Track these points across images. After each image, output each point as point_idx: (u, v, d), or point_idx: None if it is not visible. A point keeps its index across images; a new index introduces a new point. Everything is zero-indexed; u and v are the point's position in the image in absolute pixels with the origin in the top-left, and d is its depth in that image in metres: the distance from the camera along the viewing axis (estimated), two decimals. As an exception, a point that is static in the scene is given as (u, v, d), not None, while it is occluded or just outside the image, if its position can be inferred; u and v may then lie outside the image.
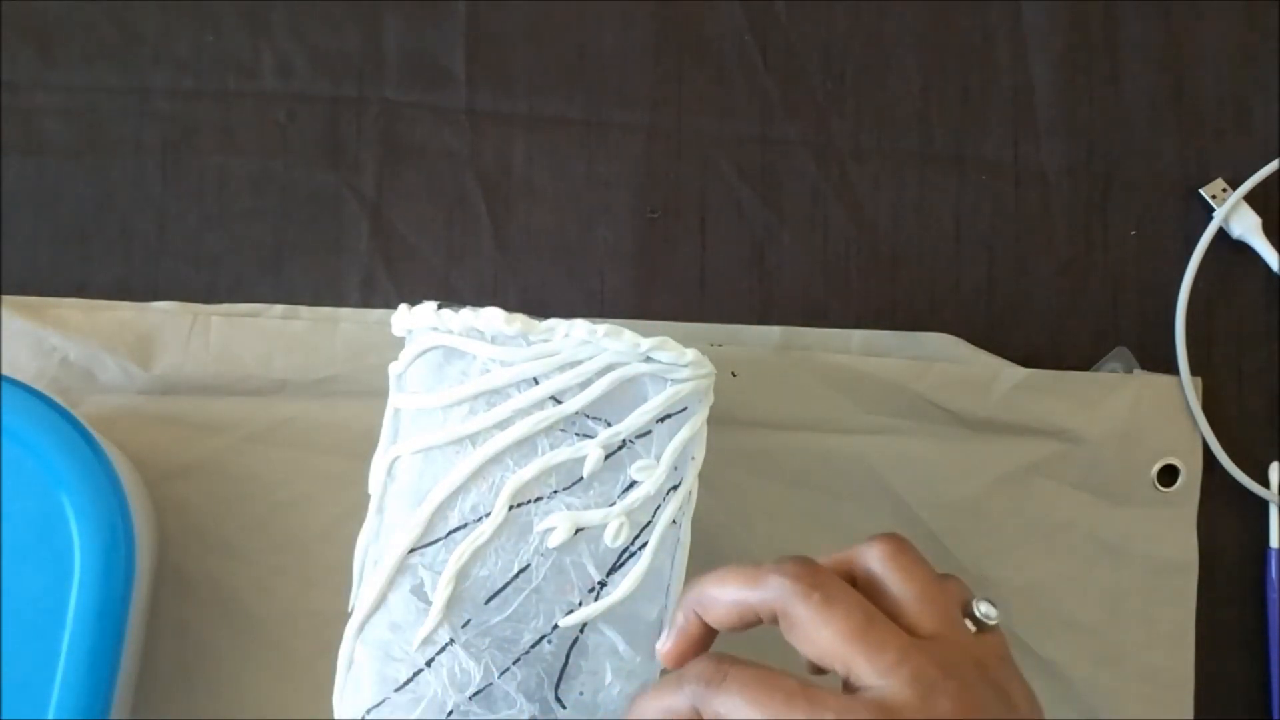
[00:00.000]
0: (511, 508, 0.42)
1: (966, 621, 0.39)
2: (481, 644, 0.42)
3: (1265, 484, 0.55)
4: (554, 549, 0.42)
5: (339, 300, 0.54)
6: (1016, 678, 0.39)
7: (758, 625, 0.40)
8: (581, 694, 0.42)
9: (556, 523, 0.42)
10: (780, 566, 0.38)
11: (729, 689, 0.37)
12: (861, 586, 0.39)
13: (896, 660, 0.36)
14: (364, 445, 0.46)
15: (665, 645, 0.42)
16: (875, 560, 0.39)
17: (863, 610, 0.37)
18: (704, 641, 0.41)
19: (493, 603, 0.42)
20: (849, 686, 0.37)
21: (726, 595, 0.39)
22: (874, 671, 0.36)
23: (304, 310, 0.53)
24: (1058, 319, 0.56)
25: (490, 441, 0.42)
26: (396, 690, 0.42)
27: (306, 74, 0.55)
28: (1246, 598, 0.56)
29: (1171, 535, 0.54)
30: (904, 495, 0.54)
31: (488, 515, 0.42)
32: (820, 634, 0.37)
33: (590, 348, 0.43)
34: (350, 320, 0.53)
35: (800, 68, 0.56)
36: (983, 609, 0.40)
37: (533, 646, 0.42)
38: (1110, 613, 0.54)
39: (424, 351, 0.44)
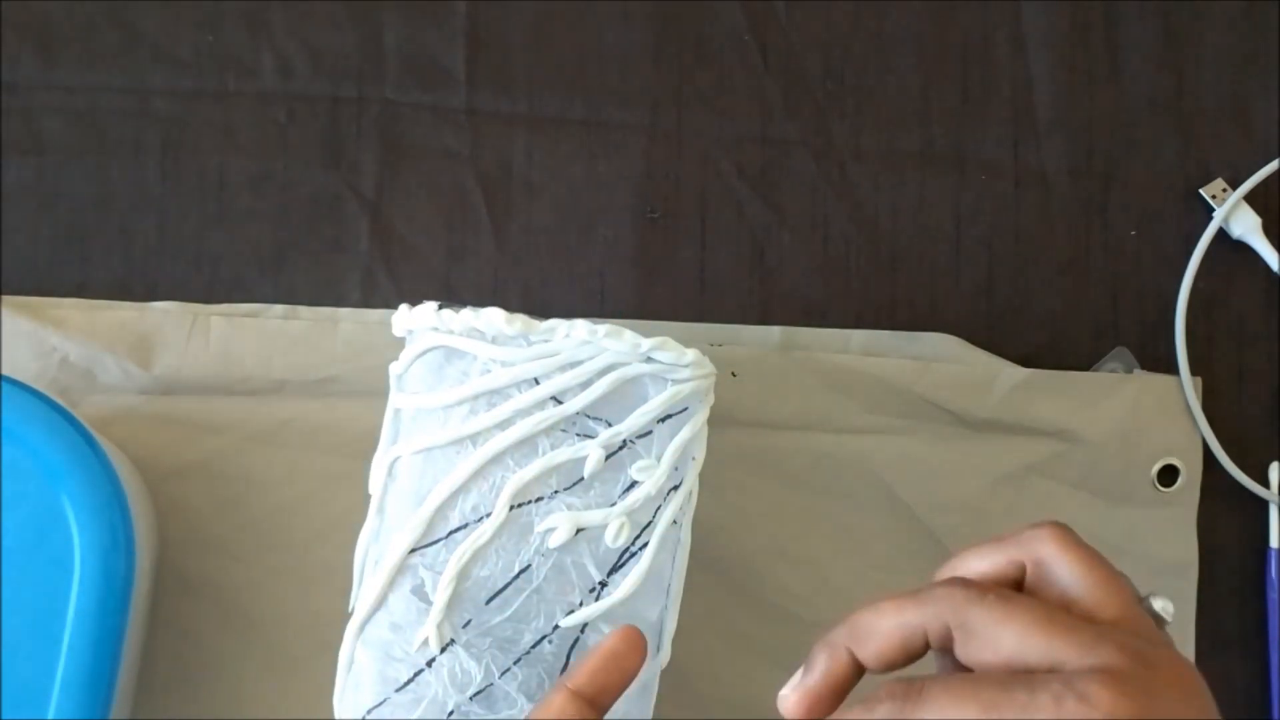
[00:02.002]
0: (512, 508, 0.42)
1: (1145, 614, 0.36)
2: (482, 644, 0.42)
3: (1265, 484, 0.55)
4: (555, 549, 0.42)
5: (339, 300, 0.54)
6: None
7: (920, 656, 0.36)
8: (582, 694, 0.42)
9: (557, 523, 0.42)
10: (938, 584, 0.35)
11: (933, 694, 0.33)
12: (1027, 580, 0.37)
13: (1095, 637, 0.33)
14: (364, 445, 0.46)
15: (800, 690, 0.37)
16: (1048, 547, 0.36)
17: (1041, 603, 0.34)
18: (848, 684, 0.37)
19: (493, 603, 0.42)
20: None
21: (886, 621, 0.36)
22: (1079, 650, 0.33)
23: (304, 310, 0.53)
24: (1058, 319, 0.56)
25: (491, 442, 0.42)
26: (397, 690, 0.42)
27: (306, 74, 0.55)
28: (1246, 598, 0.56)
29: (1171, 535, 0.54)
30: (904, 495, 0.54)
31: (488, 515, 0.42)
32: (1005, 634, 0.34)
33: (591, 348, 0.43)
34: (350, 320, 0.53)
35: (800, 68, 0.56)
36: (1159, 603, 0.37)
37: (533, 647, 0.42)
38: (1110, 613, 0.54)
39: (424, 352, 0.44)
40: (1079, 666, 0.32)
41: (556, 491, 0.43)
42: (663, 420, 0.44)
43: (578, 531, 0.42)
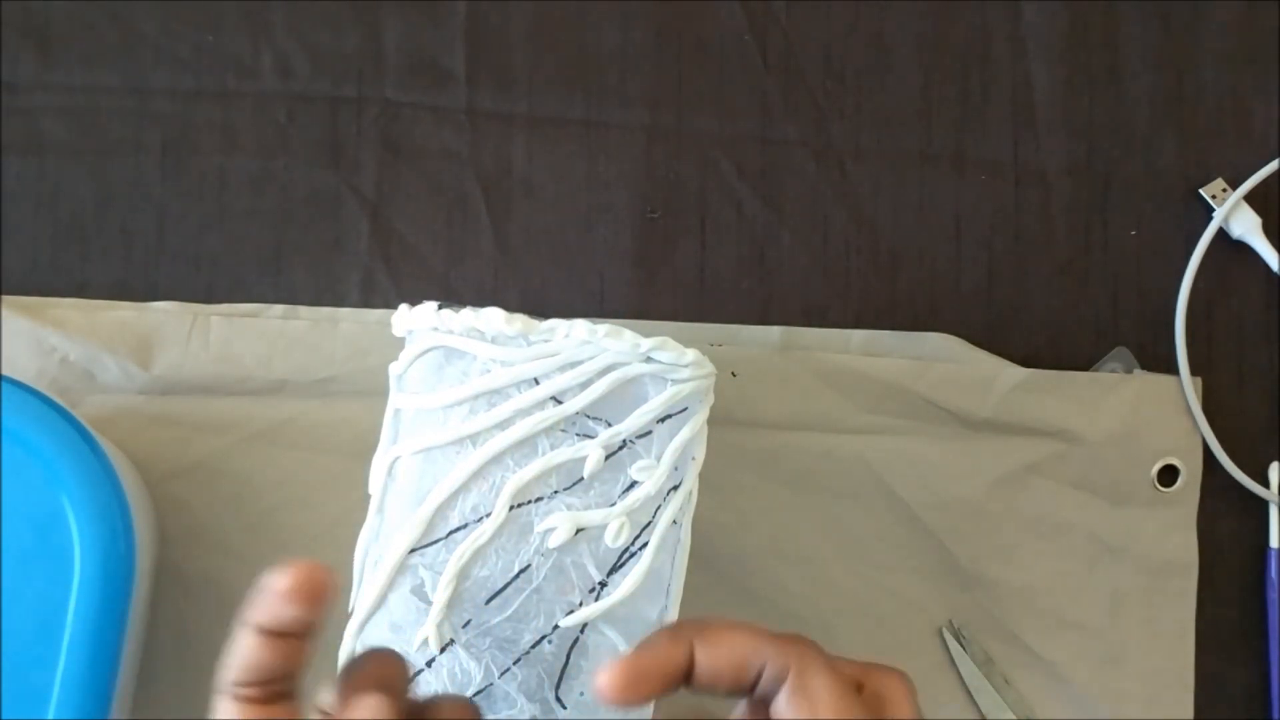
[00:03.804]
0: (512, 508, 0.42)
1: None
2: (482, 644, 0.42)
3: (1265, 484, 0.55)
4: (554, 549, 0.42)
5: (339, 300, 0.54)
6: None
7: (744, 692, 0.38)
8: (582, 694, 0.42)
9: (557, 523, 0.42)
10: (792, 634, 0.37)
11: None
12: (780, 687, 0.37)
13: None
14: (364, 445, 0.46)
15: (627, 661, 0.37)
16: (893, 691, 0.38)
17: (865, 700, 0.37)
18: (673, 679, 0.37)
19: (493, 603, 0.42)
20: None
21: (740, 639, 0.37)
22: None
23: (304, 310, 0.53)
24: (1058, 319, 0.56)
25: (491, 442, 0.42)
26: (397, 690, 0.42)
27: (306, 74, 0.55)
28: (1246, 598, 0.56)
29: (1171, 535, 0.54)
30: (904, 495, 0.54)
31: (488, 515, 0.42)
32: (835, 704, 0.36)
33: (591, 348, 0.43)
34: (350, 320, 0.53)
35: (800, 68, 0.56)
36: None
37: (533, 647, 0.42)
38: (1110, 613, 0.54)
39: (424, 352, 0.44)
40: None
41: (556, 491, 0.43)
42: (663, 420, 0.44)
43: (577, 531, 0.42)
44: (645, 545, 0.43)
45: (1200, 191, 0.56)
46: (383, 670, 0.35)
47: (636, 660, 0.37)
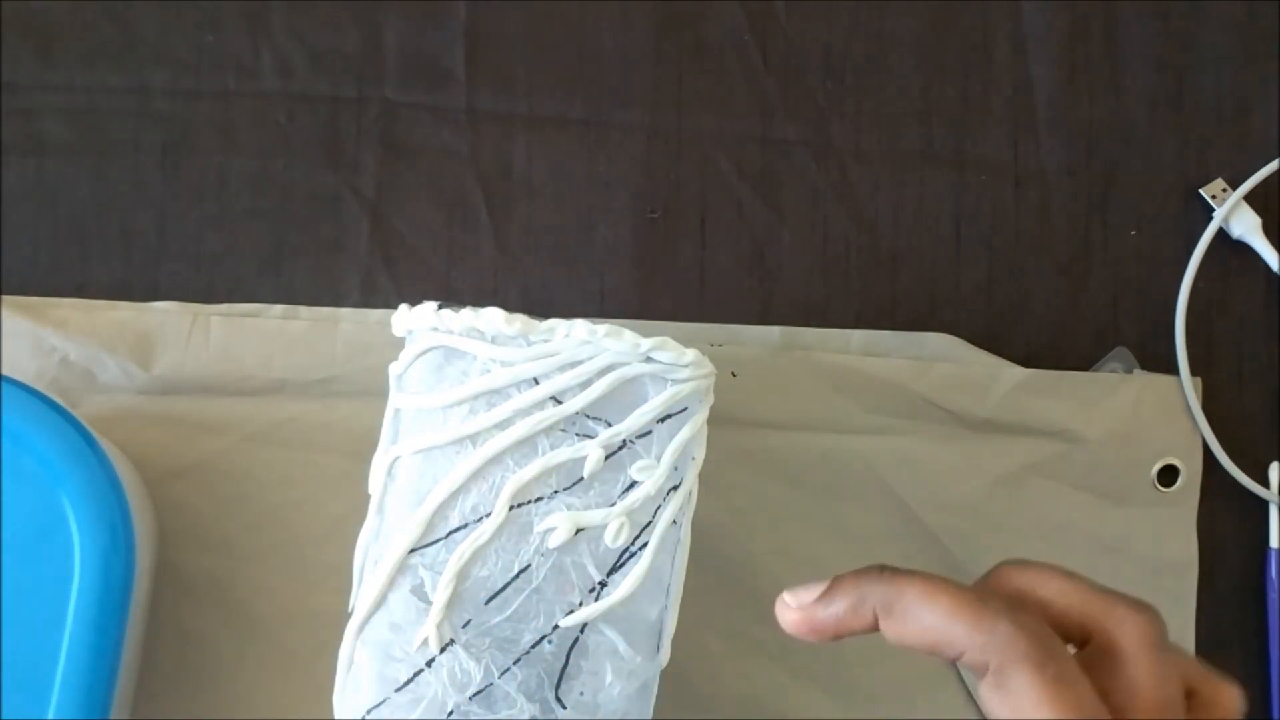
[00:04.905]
0: (512, 508, 0.42)
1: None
2: (482, 644, 0.42)
3: (1265, 484, 0.55)
4: (554, 549, 0.42)
5: (339, 300, 0.54)
6: None
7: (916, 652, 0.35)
8: (582, 694, 0.42)
9: (557, 523, 0.42)
10: (1011, 615, 0.33)
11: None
12: (1090, 649, 0.35)
13: None
14: (364, 445, 0.46)
15: (806, 615, 0.36)
16: (1131, 640, 0.34)
17: (1091, 702, 0.32)
18: (853, 634, 0.36)
19: (493, 603, 0.42)
20: None
21: (932, 617, 0.34)
22: None
23: (304, 310, 0.53)
24: (1058, 319, 0.56)
25: (490, 442, 0.42)
26: (397, 690, 0.42)
27: (306, 74, 0.55)
28: (1246, 598, 0.56)
29: (1171, 535, 0.54)
30: (904, 495, 0.54)
31: (488, 515, 0.42)
32: (1037, 709, 0.32)
33: (590, 348, 0.43)
34: (350, 320, 0.53)
35: (800, 68, 0.56)
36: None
37: (533, 647, 0.42)
38: (1110, 613, 0.54)
39: (424, 352, 0.44)
40: None
41: (556, 491, 0.43)
42: (662, 420, 0.44)
43: (577, 531, 0.42)
44: (645, 545, 0.43)
45: (1200, 191, 0.56)
46: None
47: (814, 619, 0.36)
